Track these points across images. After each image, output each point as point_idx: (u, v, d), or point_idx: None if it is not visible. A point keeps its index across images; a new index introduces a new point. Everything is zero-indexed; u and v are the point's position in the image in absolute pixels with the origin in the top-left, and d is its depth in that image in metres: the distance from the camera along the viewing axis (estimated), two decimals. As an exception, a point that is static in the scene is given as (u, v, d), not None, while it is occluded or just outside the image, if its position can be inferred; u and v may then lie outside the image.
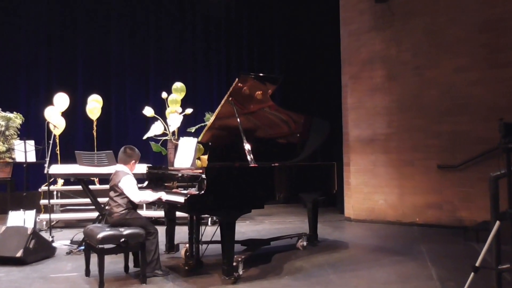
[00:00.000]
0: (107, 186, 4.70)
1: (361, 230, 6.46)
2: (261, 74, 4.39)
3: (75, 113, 8.34)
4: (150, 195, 3.97)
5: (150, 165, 4.96)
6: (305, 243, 5.15)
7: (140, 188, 4.15)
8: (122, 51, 9.20)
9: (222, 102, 4.27)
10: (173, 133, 6.19)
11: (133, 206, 3.93)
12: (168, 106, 6.51)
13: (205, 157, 4.55)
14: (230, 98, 4.26)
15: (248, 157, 4.03)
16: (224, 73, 9.78)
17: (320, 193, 5.34)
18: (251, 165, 3.99)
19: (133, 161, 4.04)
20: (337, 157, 7.18)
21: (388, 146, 6.89)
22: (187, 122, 6.85)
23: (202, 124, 6.65)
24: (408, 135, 6.70)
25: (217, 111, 4.35)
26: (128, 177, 3.91)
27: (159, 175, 4.55)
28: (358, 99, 7.19)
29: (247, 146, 4.10)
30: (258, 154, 4.16)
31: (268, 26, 10.03)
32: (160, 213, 6.69)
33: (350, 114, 7.27)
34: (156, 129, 6.03)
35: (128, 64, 9.23)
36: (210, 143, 4.49)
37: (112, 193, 3.94)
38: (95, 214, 5.66)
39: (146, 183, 4.64)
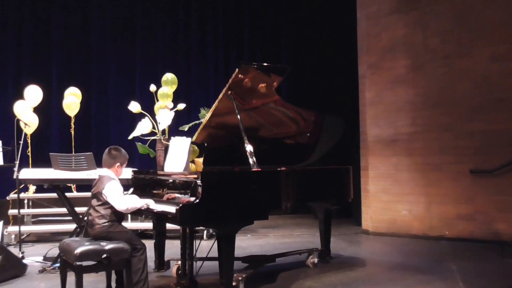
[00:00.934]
0: (86, 194, 4.67)
1: (381, 245, 6.45)
2: (265, 64, 4.39)
3: (49, 109, 8.35)
4: (137, 200, 3.97)
5: (136, 169, 4.96)
6: (316, 260, 5.14)
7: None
8: (104, 37, 9.21)
9: (220, 96, 4.28)
10: (163, 132, 6.18)
11: (117, 218, 3.93)
12: (157, 101, 6.51)
13: (200, 160, 4.54)
14: (229, 92, 4.27)
15: (250, 160, 4.03)
16: (222, 63, 9.78)
17: (333, 202, 5.34)
18: (254, 169, 3.99)
19: (118, 163, 4.05)
20: (353, 160, 7.17)
21: (412, 147, 6.88)
22: (179, 119, 6.82)
23: (197, 121, 6.62)
24: (436, 135, 6.69)
25: (214, 106, 4.35)
26: (113, 182, 3.92)
27: (146, 181, 4.56)
28: (378, 92, 7.18)
29: (249, 147, 4.10)
30: (262, 156, 4.17)
31: (273, 10, 10.03)
32: (148, 225, 6.69)
33: (368, 110, 7.26)
34: (143, 127, 6.01)
35: (111, 52, 9.24)
36: (205, 144, 4.48)
37: (94, 202, 3.94)
38: (72, 226, 5.66)
39: (131, 190, 4.64)
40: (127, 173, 4.80)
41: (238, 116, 4.23)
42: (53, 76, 8.81)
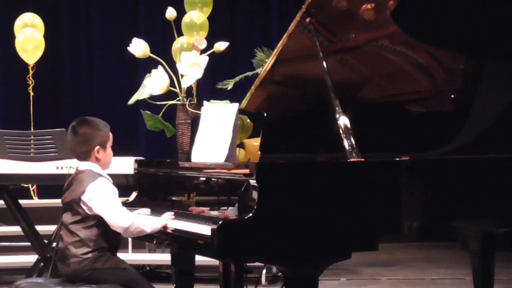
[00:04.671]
0: (54, 202, 4.80)
1: None
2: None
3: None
4: (147, 219, 4.03)
5: (142, 158, 5.05)
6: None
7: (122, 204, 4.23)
8: None
9: (291, 27, 4.28)
10: (189, 92, 6.27)
11: (109, 245, 4.02)
12: (179, 37, 6.59)
13: (256, 142, 4.56)
14: (308, 19, 4.26)
15: (346, 143, 4.02)
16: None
17: (499, 221, 5.25)
18: (352, 159, 3.99)
19: (98, 146, 4.07)
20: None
21: None
22: (217, 69, 6.91)
23: (249, 73, 6.69)
24: None
25: (279, 46, 4.37)
26: (100, 181, 3.99)
27: (159, 179, 4.64)
28: None
29: (343, 120, 4.08)
30: (366, 136, 4.16)
31: None
32: (163, 258, 6.82)
33: None
34: (153, 84, 6.11)
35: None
36: (265, 114, 4.52)
37: (67, 217, 4.04)
38: (31, 258, 5.84)
39: (134, 194, 4.73)
40: (127, 165, 4.89)
41: (324, 63, 4.20)
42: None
